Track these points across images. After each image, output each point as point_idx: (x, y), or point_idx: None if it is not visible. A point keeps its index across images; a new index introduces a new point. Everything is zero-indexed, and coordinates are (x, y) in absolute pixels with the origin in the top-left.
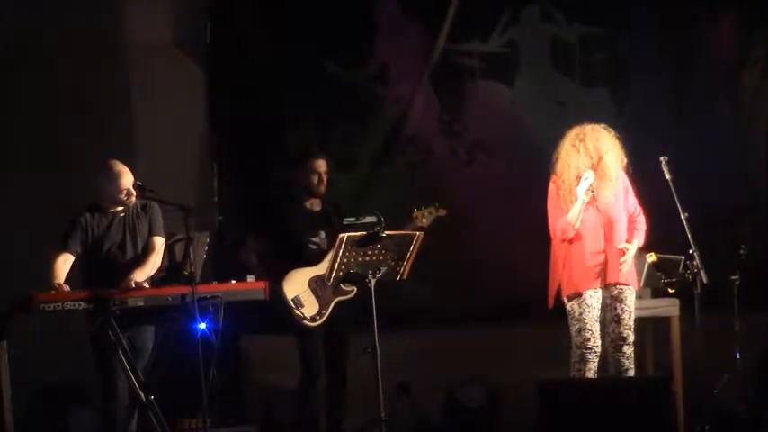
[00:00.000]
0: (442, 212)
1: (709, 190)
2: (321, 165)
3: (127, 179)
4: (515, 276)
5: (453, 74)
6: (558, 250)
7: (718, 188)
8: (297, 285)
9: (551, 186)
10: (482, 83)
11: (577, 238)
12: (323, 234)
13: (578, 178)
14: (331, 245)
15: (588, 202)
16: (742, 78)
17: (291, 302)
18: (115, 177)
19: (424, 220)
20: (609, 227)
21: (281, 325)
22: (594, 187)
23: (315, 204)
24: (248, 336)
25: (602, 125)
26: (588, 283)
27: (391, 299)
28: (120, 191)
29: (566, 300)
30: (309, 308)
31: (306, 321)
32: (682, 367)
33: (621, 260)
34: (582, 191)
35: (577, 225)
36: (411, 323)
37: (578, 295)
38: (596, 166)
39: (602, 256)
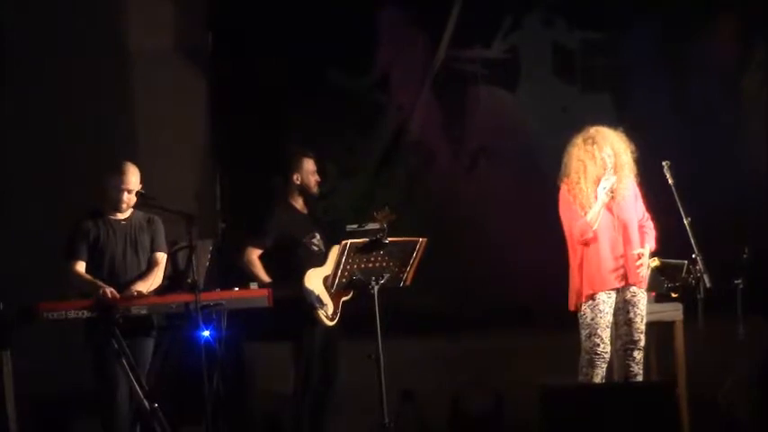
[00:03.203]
0: (392, 216)
1: (712, 194)
2: (314, 164)
3: (130, 178)
4: (518, 282)
5: (455, 80)
6: (573, 253)
7: (720, 192)
8: (316, 285)
9: (563, 190)
10: (484, 89)
11: (593, 239)
12: (317, 235)
13: (597, 181)
14: (328, 245)
15: (605, 205)
16: (743, 83)
17: (316, 301)
18: (120, 173)
19: (384, 222)
20: (625, 229)
21: (280, 329)
22: (614, 188)
23: (302, 206)
24: (252, 343)
25: (606, 126)
26: (604, 285)
27: (394, 305)
28: (120, 189)
29: (580, 303)
30: (329, 307)
31: (327, 320)
32: (685, 372)
33: (638, 263)
34: (603, 191)
35: (596, 226)
36: (415, 329)
37: (592, 298)
38: (615, 166)
39: (623, 259)
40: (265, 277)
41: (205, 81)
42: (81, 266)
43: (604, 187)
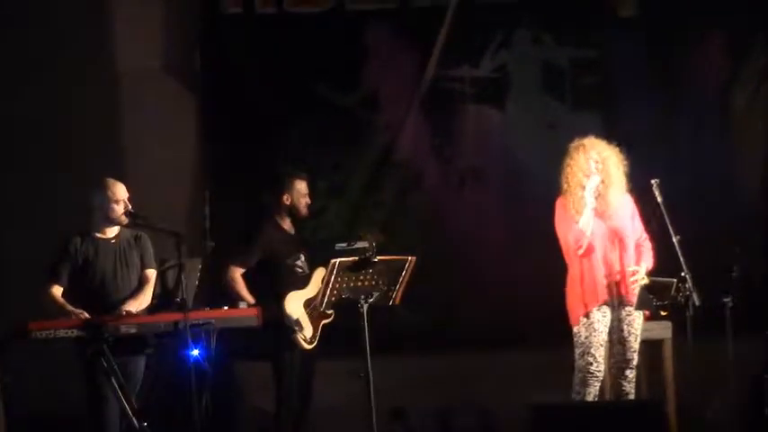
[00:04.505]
0: (381, 237)
1: (701, 212)
2: (306, 186)
3: (121, 190)
4: (508, 301)
5: (444, 99)
6: (572, 268)
7: (709, 210)
8: (296, 308)
9: (558, 203)
10: (473, 108)
11: (589, 252)
12: (302, 257)
13: (583, 186)
14: (312, 267)
15: (597, 214)
16: (732, 100)
17: (294, 325)
18: (110, 187)
19: (373, 243)
20: (621, 243)
21: (260, 350)
22: (601, 190)
23: (289, 227)
24: (241, 362)
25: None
26: (599, 297)
27: (384, 324)
28: (117, 201)
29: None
30: (308, 330)
31: (305, 344)
32: (675, 390)
33: (632, 279)
34: (590, 191)
35: (589, 233)
36: (405, 348)
37: (587, 316)
38: (601, 171)
39: (619, 274)
40: (248, 296)
41: (194, 98)
42: (57, 290)
43: (590, 188)
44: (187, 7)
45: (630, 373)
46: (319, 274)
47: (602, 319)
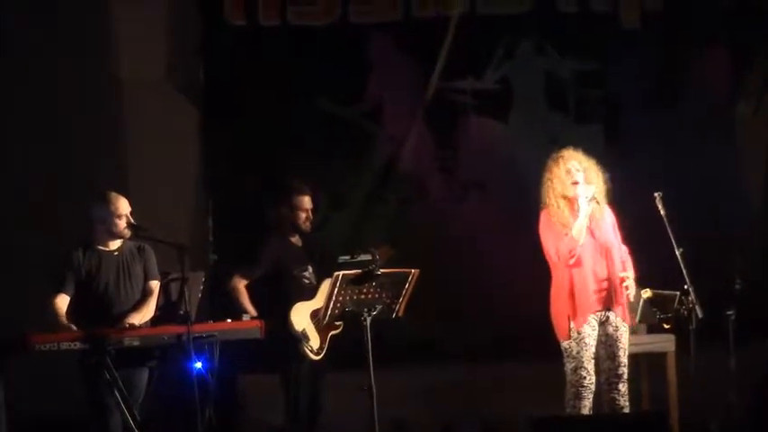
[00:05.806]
0: (392, 252)
1: (704, 225)
2: (307, 201)
3: (124, 204)
4: (510, 312)
5: (447, 111)
6: (560, 279)
7: (712, 223)
8: (302, 318)
9: (543, 216)
10: (476, 119)
11: (578, 264)
12: (310, 268)
13: (565, 198)
14: (319, 279)
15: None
16: (735, 113)
17: (300, 335)
18: (112, 202)
19: (383, 258)
20: (607, 253)
21: (268, 361)
22: (597, 196)
23: (297, 240)
24: (244, 375)
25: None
26: (590, 308)
27: (386, 335)
28: (119, 215)
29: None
30: (314, 341)
31: (312, 354)
32: (678, 402)
33: (625, 285)
34: (585, 200)
35: (581, 242)
36: (406, 359)
37: (577, 330)
38: (587, 180)
39: (606, 282)
40: (250, 306)
41: (197, 110)
42: (61, 300)
43: (586, 196)
44: (191, 18)
45: (623, 387)
46: (326, 285)
47: (591, 332)
